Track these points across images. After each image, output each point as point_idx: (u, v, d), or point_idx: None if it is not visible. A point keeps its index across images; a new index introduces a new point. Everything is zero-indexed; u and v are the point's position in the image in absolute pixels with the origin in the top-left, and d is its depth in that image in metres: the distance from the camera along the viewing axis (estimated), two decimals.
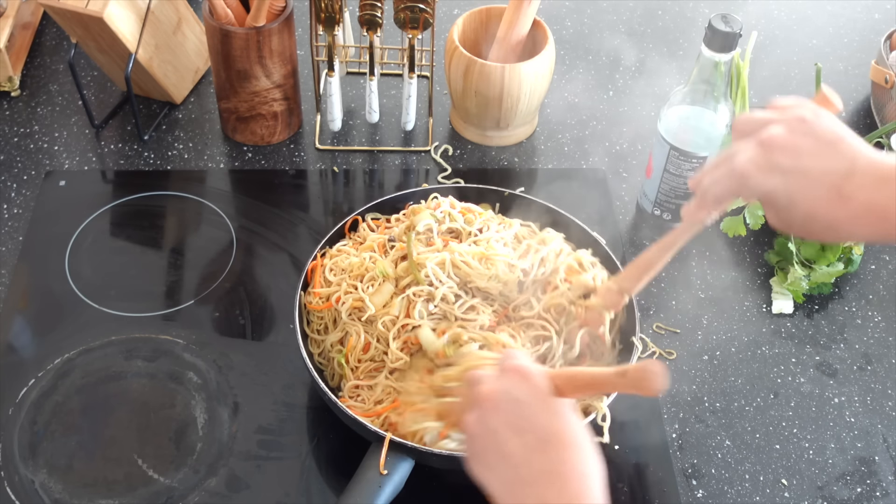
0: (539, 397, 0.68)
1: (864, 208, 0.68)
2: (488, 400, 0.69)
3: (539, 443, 0.66)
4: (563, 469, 0.65)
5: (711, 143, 1.04)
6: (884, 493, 0.94)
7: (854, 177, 0.68)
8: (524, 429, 0.67)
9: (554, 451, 0.65)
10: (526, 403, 0.68)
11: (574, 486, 0.64)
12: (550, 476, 0.64)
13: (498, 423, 0.68)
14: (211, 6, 1.11)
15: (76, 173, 1.19)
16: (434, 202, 1.00)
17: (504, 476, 0.67)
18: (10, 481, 0.90)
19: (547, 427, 0.67)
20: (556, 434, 0.66)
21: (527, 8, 1.18)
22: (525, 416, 0.67)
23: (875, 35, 1.44)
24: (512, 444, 0.66)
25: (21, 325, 1.03)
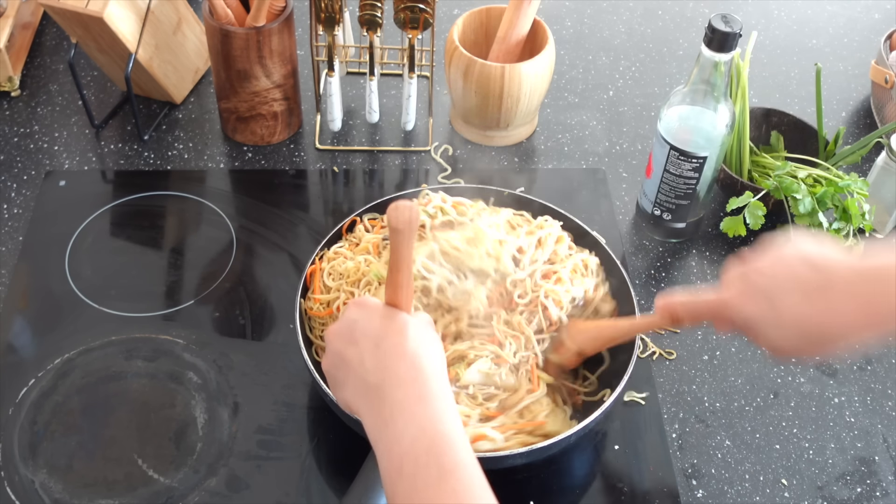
0: (373, 311, 0.71)
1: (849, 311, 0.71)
2: (329, 335, 0.73)
3: (373, 341, 0.69)
4: (393, 353, 0.68)
5: (711, 143, 1.04)
6: (884, 493, 0.94)
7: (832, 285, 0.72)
8: (358, 338, 0.70)
9: (385, 342, 0.69)
10: (359, 319, 0.71)
11: (406, 363, 0.67)
12: (383, 363, 0.68)
13: (338, 346, 0.72)
14: (211, 6, 1.11)
15: (76, 173, 1.19)
16: (425, 199, 1.00)
17: (354, 387, 0.70)
18: (10, 481, 0.90)
19: (378, 327, 0.70)
20: (387, 330, 0.69)
21: (527, 8, 1.18)
22: (359, 328, 0.71)
23: (875, 35, 1.44)
24: (349, 353, 0.70)
25: (21, 325, 1.03)
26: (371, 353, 0.69)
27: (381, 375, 0.67)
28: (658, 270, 1.13)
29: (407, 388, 0.66)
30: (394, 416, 0.65)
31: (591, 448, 0.96)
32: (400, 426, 0.64)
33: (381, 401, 0.66)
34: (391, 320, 0.70)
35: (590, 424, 0.86)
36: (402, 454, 0.63)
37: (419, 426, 0.64)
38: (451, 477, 0.61)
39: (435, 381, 0.67)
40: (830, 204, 1.10)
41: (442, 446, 0.63)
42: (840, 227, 1.10)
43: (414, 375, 0.66)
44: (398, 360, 0.67)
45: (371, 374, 0.68)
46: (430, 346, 0.70)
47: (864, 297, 0.70)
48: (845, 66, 1.42)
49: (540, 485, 0.91)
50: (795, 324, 0.73)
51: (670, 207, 1.11)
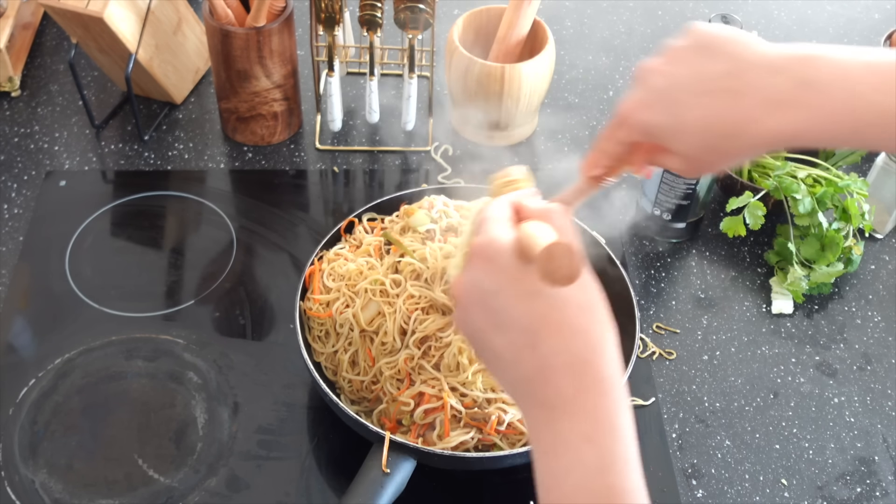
0: (510, 279, 0.57)
1: (763, 103, 0.60)
2: (461, 296, 0.60)
3: (524, 337, 0.56)
4: (554, 363, 0.56)
5: None
6: (884, 493, 0.94)
7: (738, 75, 0.61)
8: (503, 324, 0.57)
9: (542, 341, 0.56)
10: (497, 292, 0.57)
11: (570, 380, 0.55)
12: (543, 373, 0.56)
13: (477, 321, 0.59)
14: (211, 6, 1.11)
15: (76, 173, 1.19)
16: (427, 202, 1.00)
17: (507, 377, 0.59)
18: (10, 481, 0.90)
19: (526, 314, 0.57)
20: (538, 320, 0.56)
21: (527, 8, 1.18)
22: (500, 307, 0.57)
23: (875, 35, 1.44)
24: (498, 343, 0.58)
25: (21, 325, 1.03)
26: (527, 353, 0.56)
27: (544, 390, 0.56)
28: (658, 270, 1.13)
29: (574, 419, 0.54)
30: (556, 448, 0.55)
31: None
32: (563, 465, 0.54)
33: (543, 421, 0.56)
34: (543, 300, 0.56)
35: None
36: (562, 496, 0.54)
37: (584, 473, 0.54)
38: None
39: (610, 412, 0.55)
40: (830, 204, 1.10)
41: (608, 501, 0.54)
42: (840, 227, 1.10)
43: (582, 400, 0.55)
44: (563, 374, 0.55)
45: (533, 382, 0.56)
46: (602, 344, 0.57)
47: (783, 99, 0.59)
48: None
49: None
50: (696, 127, 0.63)
51: (670, 207, 1.11)
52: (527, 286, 0.56)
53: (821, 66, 0.59)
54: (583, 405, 0.55)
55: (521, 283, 0.56)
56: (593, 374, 0.55)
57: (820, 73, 0.59)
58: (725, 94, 0.61)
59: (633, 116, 0.67)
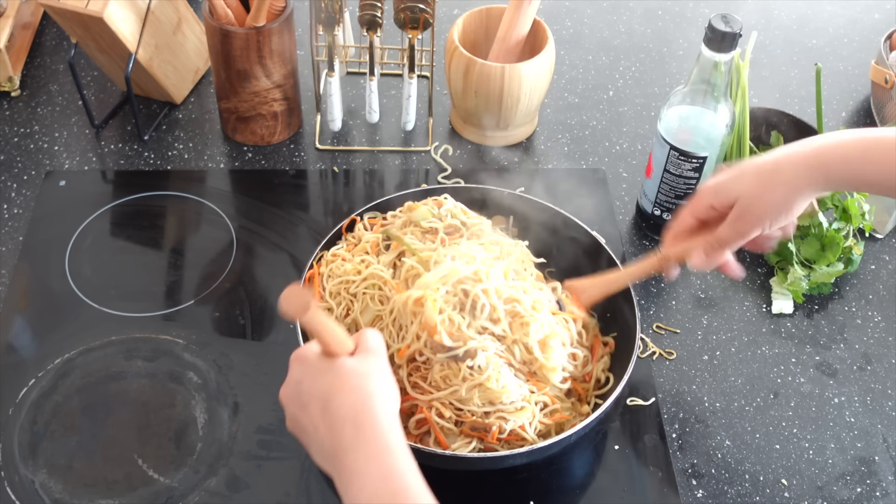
0: (311, 366, 0.72)
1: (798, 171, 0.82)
2: (284, 399, 0.74)
3: (319, 403, 0.70)
4: (338, 416, 0.69)
5: (711, 143, 1.04)
6: (884, 493, 0.94)
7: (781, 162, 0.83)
8: (306, 401, 0.71)
9: (331, 402, 0.70)
10: (302, 379, 0.72)
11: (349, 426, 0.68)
12: (333, 429, 0.69)
13: (294, 410, 0.73)
14: (211, 6, 1.11)
15: (76, 173, 1.19)
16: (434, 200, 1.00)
17: (316, 449, 0.71)
18: (10, 481, 0.90)
19: (320, 388, 0.71)
20: (328, 388, 0.70)
21: (527, 8, 1.18)
22: (304, 390, 0.72)
23: (875, 35, 1.44)
24: (306, 421, 0.71)
25: (21, 325, 1.03)
26: (321, 418, 0.70)
27: (333, 443, 0.69)
28: None
29: (356, 453, 0.67)
30: (350, 480, 0.67)
31: (591, 448, 0.96)
32: (356, 489, 0.66)
33: (338, 467, 0.69)
34: (332, 375, 0.71)
35: (590, 424, 0.86)
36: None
37: (372, 487, 0.66)
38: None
39: (381, 436, 0.68)
40: (830, 204, 1.10)
41: (395, 500, 0.65)
42: (840, 227, 1.10)
43: (361, 437, 0.68)
44: (343, 425, 0.69)
45: (325, 441, 0.70)
46: (374, 394, 0.70)
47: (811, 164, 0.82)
48: (845, 66, 1.42)
49: (540, 485, 0.91)
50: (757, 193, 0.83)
51: (670, 207, 1.11)
52: (322, 368, 0.72)
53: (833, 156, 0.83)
54: (363, 439, 0.68)
55: (318, 367, 0.72)
56: (367, 417, 0.69)
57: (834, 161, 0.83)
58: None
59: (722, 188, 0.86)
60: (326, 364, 0.72)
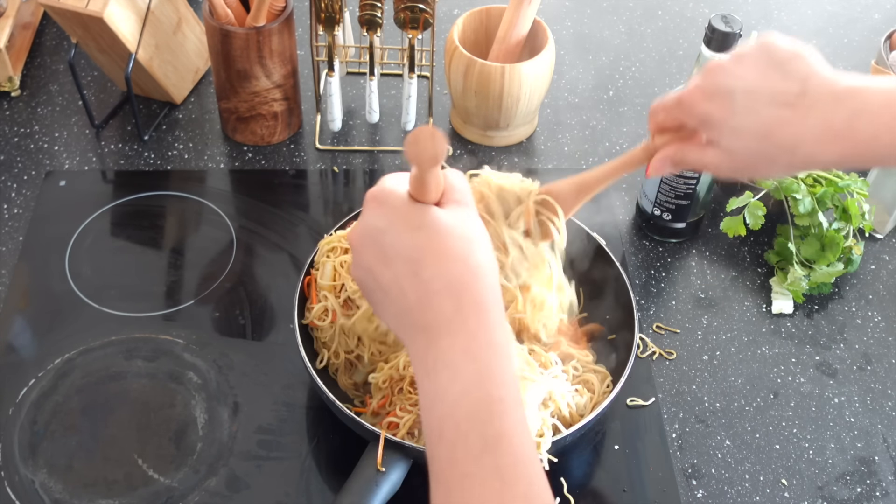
0: (398, 216, 0.61)
1: (824, 127, 0.66)
2: (354, 242, 0.63)
3: (408, 266, 0.59)
4: (434, 287, 0.59)
5: None
6: (884, 493, 0.94)
7: (807, 96, 0.67)
8: (391, 257, 0.60)
9: (424, 268, 0.59)
10: (386, 229, 0.61)
11: (449, 302, 0.58)
12: (425, 297, 0.59)
13: (368, 260, 0.62)
14: (211, 6, 1.11)
15: (76, 173, 1.19)
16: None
17: (392, 312, 0.62)
18: (10, 481, 0.90)
19: (411, 245, 0.60)
20: (421, 249, 0.59)
21: (527, 8, 1.18)
22: (388, 242, 0.60)
23: (875, 35, 1.44)
24: (385, 277, 0.61)
25: (21, 325, 1.03)
26: (410, 281, 0.59)
27: (425, 314, 0.59)
28: (658, 270, 1.13)
29: (453, 337, 0.57)
30: (437, 367, 0.57)
31: (590, 448, 0.96)
32: (444, 381, 0.57)
33: (424, 344, 0.59)
34: (427, 231, 0.60)
35: (589, 424, 0.86)
36: (443, 416, 0.56)
37: (463, 386, 0.56)
38: (494, 450, 0.55)
39: (488, 327, 0.58)
40: (830, 204, 1.10)
41: (486, 414, 0.56)
42: (840, 227, 1.10)
43: (461, 319, 0.58)
44: (441, 300, 0.58)
45: (415, 310, 0.59)
46: (479, 268, 0.60)
47: (840, 125, 0.66)
48: (845, 66, 1.42)
49: None
50: (756, 131, 0.68)
51: (670, 207, 1.11)
52: (413, 221, 0.60)
53: (870, 96, 0.66)
54: (462, 324, 0.58)
55: (408, 219, 0.60)
56: (471, 297, 0.58)
57: (869, 104, 0.66)
58: (793, 112, 0.67)
59: (696, 105, 0.71)
60: (417, 214, 0.60)
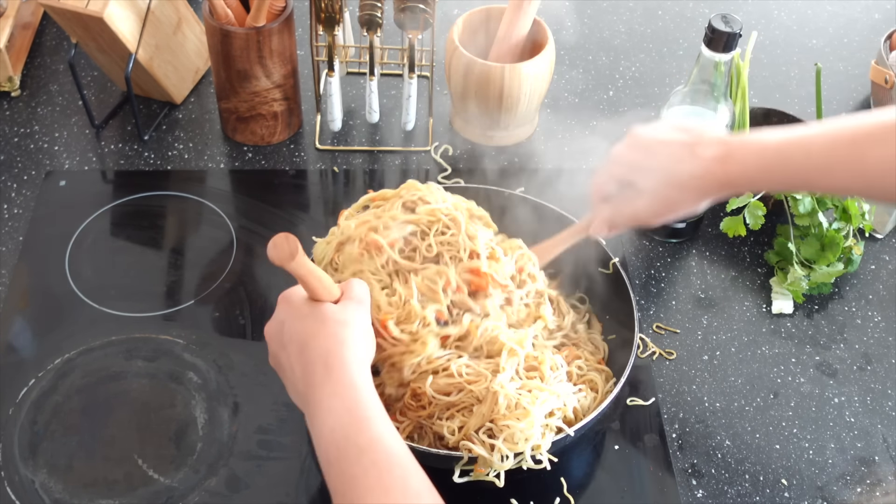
0: (294, 309, 0.76)
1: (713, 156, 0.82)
2: (268, 336, 0.78)
3: (296, 347, 0.74)
4: (312, 358, 0.73)
5: None
6: (884, 493, 0.94)
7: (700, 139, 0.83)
8: (286, 342, 0.75)
9: (307, 346, 0.73)
10: (284, 321, 0.76)
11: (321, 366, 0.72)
12: (307, 369, 0.73)
13: (274, 348, 0.77)
14: (211, 6, 1.11)
15: (76, 173, 1.19)
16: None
17: (293, 392, 0.76)
18: (10, 481, 0.90)
19: (299, 331, 0.74)
20: (306, 332, 0.74)
21: (527, 8, 1.18)
22: (286, 331, 0.75)
23: (875, 35, 1.44)
24: (284, 360, 0.75)
25: (21, 325, 1.03)
26: (297, 359, 0.74)
27: (305, 383, 0.73)
28: (658, 270, 1.13)
29: (323, 389, 0.71)
30: (317, 414, 0.71)
31: (590, 448, 0.96)
32: (320, 421, 0.70)
33: (308, 405, 0.73)
34: (312, 319, 0.74)
35: (589, 424, 0.86)
36: (328, 444, 0.69)
37: (336, 418, 0.69)
38: (369, 452, 0.67)
39: (348, 375, 0.72)
40: (830, 204, 1.10)
41: (356, 428, 0.69)
42: (840, 227, 1.10)
43: (329, 376, 0.71)
44: (315, 367, 0.72)
45: (299, 381, 0.74)
46: (346, 341, 0.73)
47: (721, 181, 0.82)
48: (845, 66, 1.42)
49: (540, 485, 0.91)
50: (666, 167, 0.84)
51: None
52: (304, 312, 0.75)
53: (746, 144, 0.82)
54: (330, 378, 0.71)
55: (301, 311, 0.75)
56: (336, 359, 0.72)
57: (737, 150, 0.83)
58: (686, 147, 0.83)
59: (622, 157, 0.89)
60: (309, 308, 0.75)
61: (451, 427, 0.85)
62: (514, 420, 0.83)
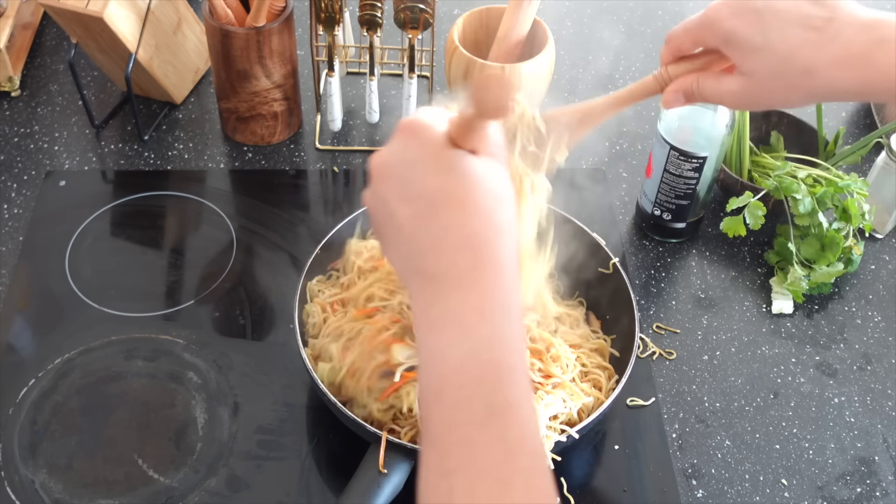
0: (430, 153, 0.58)
1: (846, 52, 0.65)
2: (377, 167, 0.60)
3: (429, 207, 0.56)
4: (453, 236, 0.56)
5: (711, 143, 1.04)
6: (884, 493, 0.94)
7: (834, 21, 0.65)
8: (412, 194, 0.57)
9: (446, 214, 0.56)
10: (414, 163, 0.58)
11: (467, 255, 0.55)
12: (441, 245, 0.56)
13: (387, 191, 0.59)
14: (211, 6, 1.11)
15: (76, 173, 1.19)
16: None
17: (401, 252, 0.59)
18: (10, 481, 0.90)
19: (437, 187, 0.57)
20: (447, 194, 0.56)
21: (527, 8, 1.18)
22: (413, 179, 0.58)
23: None
24: (401, 213, 0.57)
25: (21, 325, 1.03)
26: (427, 224, 0.56)
27: (438, 263, 0.55)
28: (658, 270, 1.13)
29: (466, 292, 0.54)
30: (444, 322, 0.54)
31: (591, 448, 0.96)
32: (450, 338, 0.54)
33: (433, 294, 0.55)
34: (456, 177, 0.56)
35: (590, 424, 0.86)
36: (445, 376, 0.53)
37: (472, 346, 0.53)
38: (499, 420, 0.51)
39: (500, 287, 0.55)
40: (830, 204, 1.10)
41: (495, 379, 0.52)
42: (840, 227, 1.10)
43: (477, 276, 0.54)
44: (458, 252, 0.55)
45: (427, 255, 0.56)
46: (503, 228, 0.57)
47: (863, 51, 0.65)
48: None
49: None
50: (780, 52, 0.66)
51: (670, 207, 1.11)
52: (444, 162, 0.57)
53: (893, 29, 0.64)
54: (476, 281, 0.54)
55: (440, 159, 0.57)
56: (489, 254, 0.55)
57: (891, 35, 0.64)
58: (818, 35, 0.65)
59: (722, 21, 0.68)
60: (450, 157, 0.57)
61: None
62: None
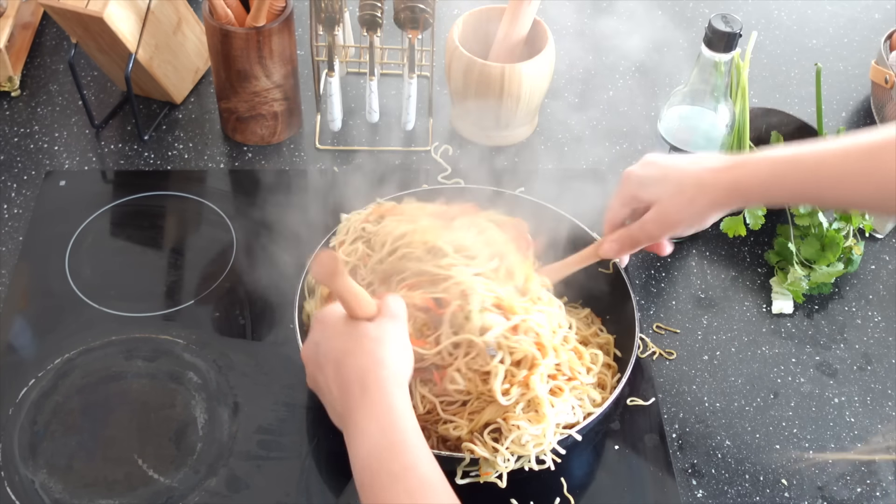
0: (330, 328, 0.77)
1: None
2: (305, 356, 0.79)
3: (333, 367, 0.74)
4: (351, 376, 0.73)
5: (711, 143, 1.04)
6: (884, 493, 0.94)
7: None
8: (324, 363, 0.76)
9: (345, 364, 0.74)
10: (321, 340, 0.77)
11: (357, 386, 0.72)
12: (345, 386, 0.73)
13: (314, 370, 0.77)
14: (211, 6, 1.11)
15: (76, 173, 1.19)
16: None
17: (332, 413, 0.76)
18: (10, 481, 0.90)
19: (336, 349, 0.75)
20: (345, 350, 0.74)
21: (527, 8, 1.18)
22: (325, 351, 0.76)
23: (875, 35, 1.44)
24: (322, 381, 0.76)
25: (21, 325, 1.03)
26: (334, 379, 0.74)
27: (343, 403, 0.73)
28: (658, 270, 1.13)
29: (361, 411, 0.71)
30: (354, 436, 0.71)
31: (591, 448, 0.96)
32: (358, 443, 0.71)
33: (346, 426, 0.73)
34: (347, 338, 0.75)
35: (590, 424, 0.86)
36: (362, 468, 0.70)
37: (371, 440, 0.70)
38: (402, 480, 0.68)
39: (384, 396, 0.72)
40: None
41: (390, 454, 0.69)
42: (840, 227, 1.10)
43: (366, 398, 0.72)
44: (351, 386, 0.73)
45: (337, 402, 0.74)
46: (383, 360, 0.74)
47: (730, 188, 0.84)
48: (845, 66, 1.42)
49: (540, 485, 0.91)
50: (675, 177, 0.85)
51: None
52: (340, 331, 0.76)
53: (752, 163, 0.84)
54: (366, 398, 0.72)
55: (337, 329, 0.76)
56: (373, 379, 0.72)
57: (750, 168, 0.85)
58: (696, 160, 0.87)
59: (633, 172, 0.89)
60: (345, 327, 0.76)
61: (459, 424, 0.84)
62: (526, 422, 0.82)
